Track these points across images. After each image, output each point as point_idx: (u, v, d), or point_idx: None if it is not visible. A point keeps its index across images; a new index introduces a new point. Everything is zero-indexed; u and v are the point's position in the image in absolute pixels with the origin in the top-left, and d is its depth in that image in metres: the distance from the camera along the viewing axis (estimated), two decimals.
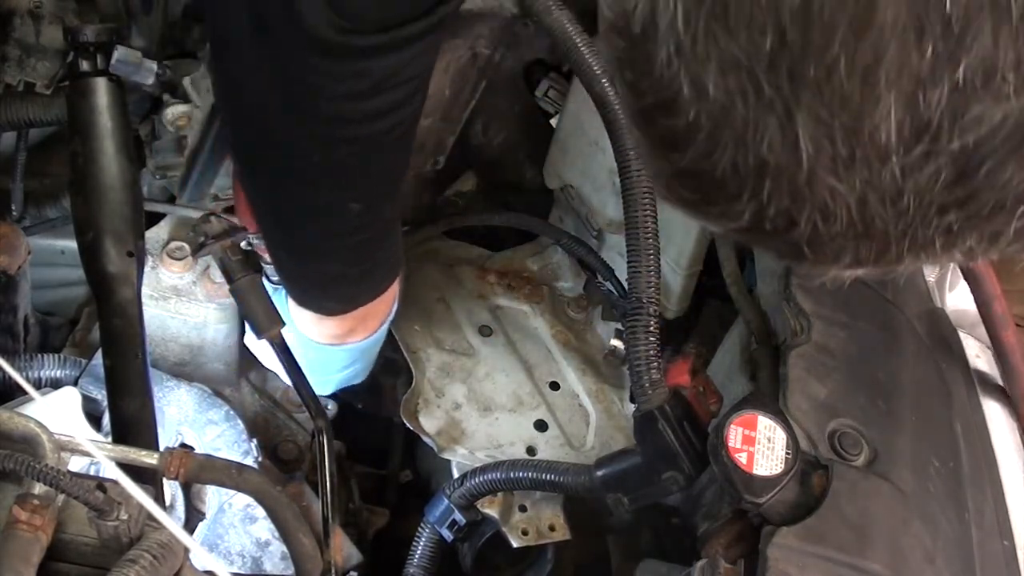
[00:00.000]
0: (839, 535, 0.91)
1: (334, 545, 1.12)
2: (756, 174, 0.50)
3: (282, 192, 1.03)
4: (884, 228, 0.50)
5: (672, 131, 0.52)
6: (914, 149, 0.46)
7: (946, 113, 0.45)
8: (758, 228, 0.53)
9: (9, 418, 0.85)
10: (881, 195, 0.49)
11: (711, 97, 0.49)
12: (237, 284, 1.19)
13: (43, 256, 1.39)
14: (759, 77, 0.47)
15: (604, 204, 1.46)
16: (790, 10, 0.45)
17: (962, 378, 1.21)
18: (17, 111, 1.21)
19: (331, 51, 0.84)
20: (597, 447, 1.37)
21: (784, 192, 0.50)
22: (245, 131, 1.01)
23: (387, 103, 0.92)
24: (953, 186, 0.47)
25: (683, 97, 0.50)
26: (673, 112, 0.51)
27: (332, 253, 1.09)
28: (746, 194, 0.51)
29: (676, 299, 1.43)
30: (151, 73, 1.17)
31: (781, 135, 0.48)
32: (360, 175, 0.99)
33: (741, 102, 0.48)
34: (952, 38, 0.43)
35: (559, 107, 1.56)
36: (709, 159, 0.51)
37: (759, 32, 0.46)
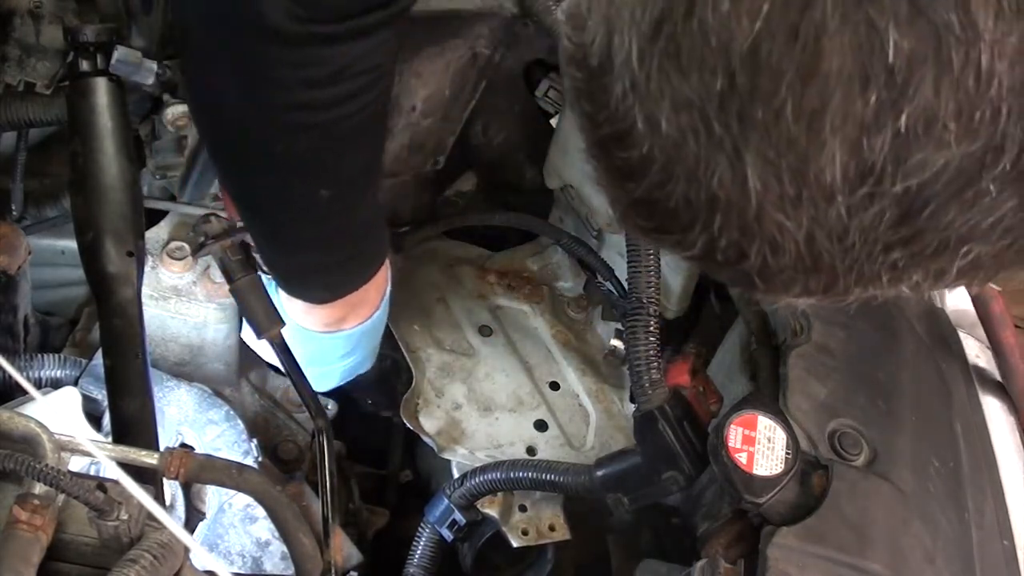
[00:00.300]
0: (839, 535, 0.91)
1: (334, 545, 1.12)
2: (707, 208, 0.52)
3: (250, 182, 1.04)
4: (832, 263, 0.52)
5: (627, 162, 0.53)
6: (858, 191, 0.48)
7: (889, 158, 0.46)
8: (710, 258, 0.55)
9: (9, 418, 0.85)
10: (828, 232, 0.50)
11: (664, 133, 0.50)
12: (237, 284, 1.19)
13: (43, 256, 1.39)
14: (710, 116, 0.48)
15: (604, 204, 1.46)
16: (739, 55, 0.46)
17: (962, 378, 1.21)
18: (17, 111, 1.21)
19: (288, 39, 0.85)
20: (597, 447, 1.37)
21: (734, 226, 0.52)
22: (210, 123, 1.02)
23: (347, 91, 0.92)
24: (897, 226, 0.49)
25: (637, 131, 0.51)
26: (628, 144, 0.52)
27: (309, 242, 1.09)
28: (698, 226, 0.53)
29: (676, 299, 1.43)
30: (151, 73, 1.17)
31: (731, 172, 0.49)
32: (326, 163, 0.99)
33: (693, 139, 0.49)
34: (895, 87, 0.45)
35: (559, 107, 1.56)
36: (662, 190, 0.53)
37: (710, 73, 0.47)
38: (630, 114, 0.51)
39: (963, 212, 0.48)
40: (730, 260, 0.54)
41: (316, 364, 1.26)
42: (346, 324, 1.22)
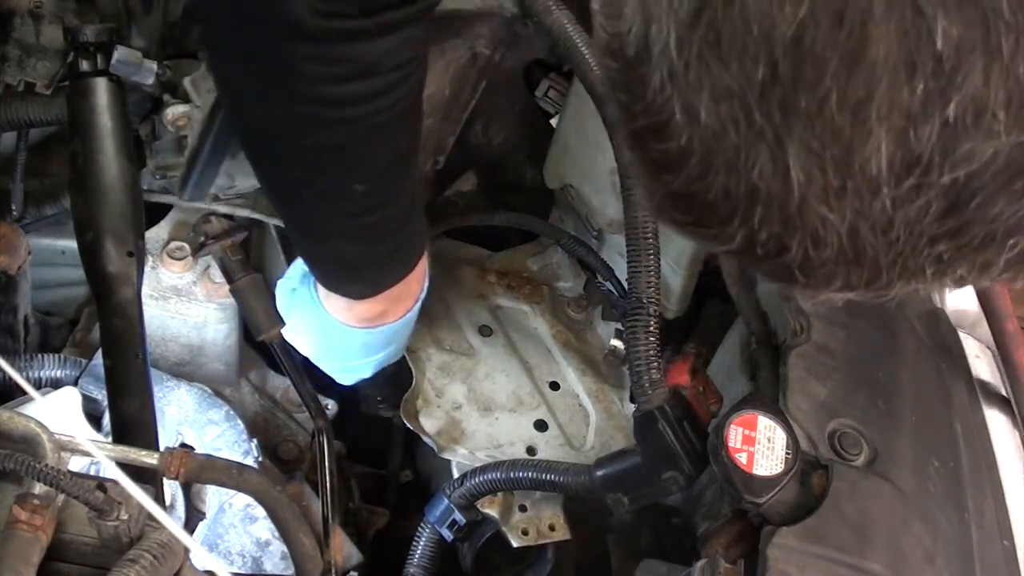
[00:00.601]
0: (839, 535, 0.91)
1: (334, 545, 1.12)
2: (747, 200, 0.51)
3: (283, 175, 1.04)
4: (875, 256, 0.51)
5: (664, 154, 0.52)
6: (904, 182, 0.47)
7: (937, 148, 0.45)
8: (750, 252, 0.54)
9: (9, 418, 0.85)
10: (872, 225, 0.49)
11: (703, 123, 0.49)
12: (237, 284, 1.20)
13: (43, 256, 1.39)
14: (751, 106, 0.47)
15: (604, 204, 1.46)
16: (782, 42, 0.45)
17: (962, 378, 1.21)
18: (17, 111, 1.21)
19: (313, 35, 0.85)
20: (597, 447, 1.37)
21: (775, 219, 0.51)
22: (242, 118, 1.02)
23: (375, 87, 0.92)
24: (944, 218, 0.48)
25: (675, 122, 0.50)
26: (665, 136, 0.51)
27: (347, 235, 1.09)
28: (737, 219, 0.52)
29: (676, 299, 1.43)
30: (151, 73, 1.17)
31: (772, 164, 0.48)
32: (356, 158, 0.99)
33: (733, 129, 0.48)
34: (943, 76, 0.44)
35: (559, 107, 1.56)
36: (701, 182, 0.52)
37: (751, 62, 0.46)
38: (668, 104, 0.50)
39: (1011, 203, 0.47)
40: (770, 254, 0.53)
41: (352, 359, 1.26)
42: (387, 319, 1.22)
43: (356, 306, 1.18)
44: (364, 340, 1.23)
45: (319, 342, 1.24)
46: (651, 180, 0.56)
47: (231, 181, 1.30)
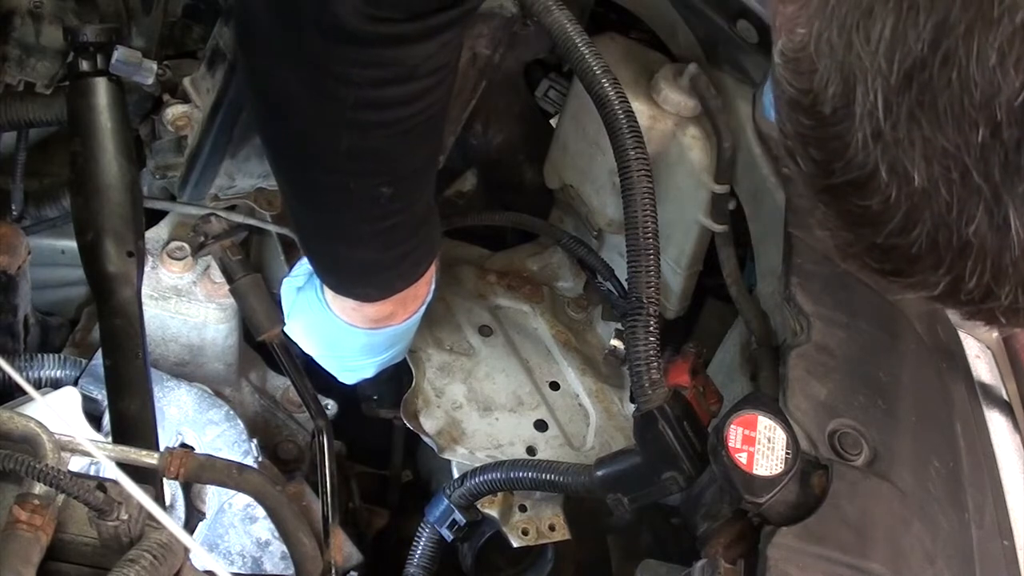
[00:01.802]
0: (839, 535, 0.91)
1: (334, 545, 1.12)
2: (958, 253, 0.51)
3: (313, 179, 1.04)
4: None
5: (866, 209, 0.52)
6: None
7: None
8: (952, 298, 0.54)
9: (9, 418, 0.85)
10: None
11: (913, 181, 0.49)
12: (237, 284, 1.19)
13: (43, 256, 1.39)
14: (967, 166, 0.47)
15: (604, 204, 1.47)
16: (1007, 107, 0.45)
17: (962, 378, 1.21)
18: (17, 111, 1.22)
19: (359, 39, 0.85)
20: (597, 447, 1.37)
21: (986, 270, 0.51)
22: (274, 121, 1.02)
23: (415, 91, 0.92)
24: None
25: (880, 178, 0.50)
26: (868, 192, 0.51)
27: (366, 239, 1.09)
28: (943, 269, 0.52)
29: (676, 299, 1.43)
30: (151, 73, 1.17)
31: (988, 219, 0.48)
32: (389, 160, 0.99)
33: (945, 187, 0.48)
34: None
35: (559, 107, 1.56)
36: (906, 236, 0.51)
37: (970, 125, 0.46)
38: (871, 162, 0.50)
39: None
40: (975, 300, 0.53)
41: (355, 359, 1.26)
42: (394, 320, 1.22)
43: (365, 308, 1.18)
44: (369, 341, 1.23)
45: (323, 341, 1.24)
46: (847, 233, 0.55)
47: (231, 181, 1.30)
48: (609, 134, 1.13)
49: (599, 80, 1.14)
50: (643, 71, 1.37)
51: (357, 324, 1.20)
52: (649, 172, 1.10)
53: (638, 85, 1.35)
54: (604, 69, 1.14)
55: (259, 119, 1.09)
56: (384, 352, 1.27)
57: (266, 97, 1.00)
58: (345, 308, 1.19)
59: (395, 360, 1.33)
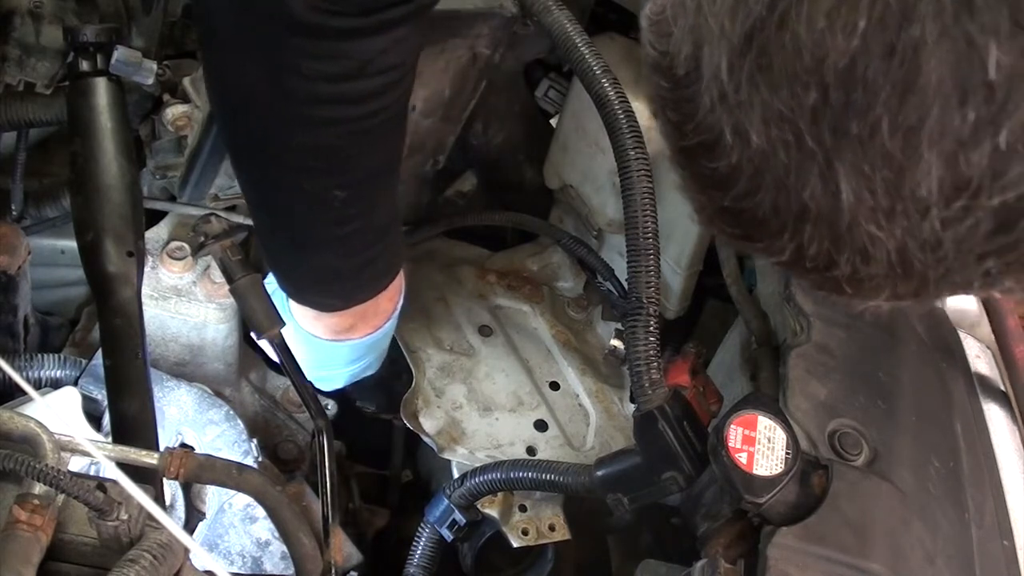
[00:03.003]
0: (839, 535, 0.91)
1: (334, 545, 1.12)
2: (797, 218, 0.52)
3: (266, 177, 1.04)
4: (923, 271, 0.51)
5: (715, 172, 0.53)
6: (954, 204, 0.47)
7: (987, 173, 0.46)
8: (798, 264, 0.54)
9: (9, 418, 0.85)
10: (921, 243, 0.50)
11: (753, 144, 0.50)
12: (237, 284, 1.19)
13: (43, 256, 1.39)
14: (801, 129, 0.48)
15: (604, 204, 1.47)
16: (834, 70, 0.46)
17: (962, 378, 1.21)
18: (17, 111, 1.21)
19: (310, 31, 0.86)
20: (597, 447, 1.37)
21: (824, 235, 0.52)
22: (231, 117, 1.02)
23: (368, 89, 0.93)
24: (993, 237, 0.48)
25: (725, 141, 0.51)
26: (716, 155, 0.52)
27: (323, 245, 1.09)
28: (787, 234, 0.53)
29: (676, 299, 1.43)
30: (151, 73, 1.17)
31: (823, 184, 0.49)
32: (341, 161, 0.99)
33: (783, 151, 0.49)
34: (994, 103, 0.44)
35: (559, 107, 1.56)
36: (751, 200, 0.52)
37: (802, 88, 0.47)
38: (718, 125, 0.51)
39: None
40: (819, 267, 0.54)
41: (321, 368, 1.26)
42: (355, 333, 1.22)
43: (324, 318, 1.19)
44: (331, 353, 1.24)
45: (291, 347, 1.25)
46: (701, 195, 0.57)
47: (231, 181, 1.30)
48: (609, 134, 1.13)
49: (599, 80, 1.14)
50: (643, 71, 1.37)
51: (318, 335, 1.21)
52: (649, 172, 1.10)
53: (638, 85, 1.34)
54: (604, 69, 1.14)
55: (219, 115, 1.09)
56: (348, 365, 1.28)
57: (224, 92, 1.00)
58: (306, 317, 1.19)
59: (366, 373, 1.33)
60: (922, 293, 0.54)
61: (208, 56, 1.02)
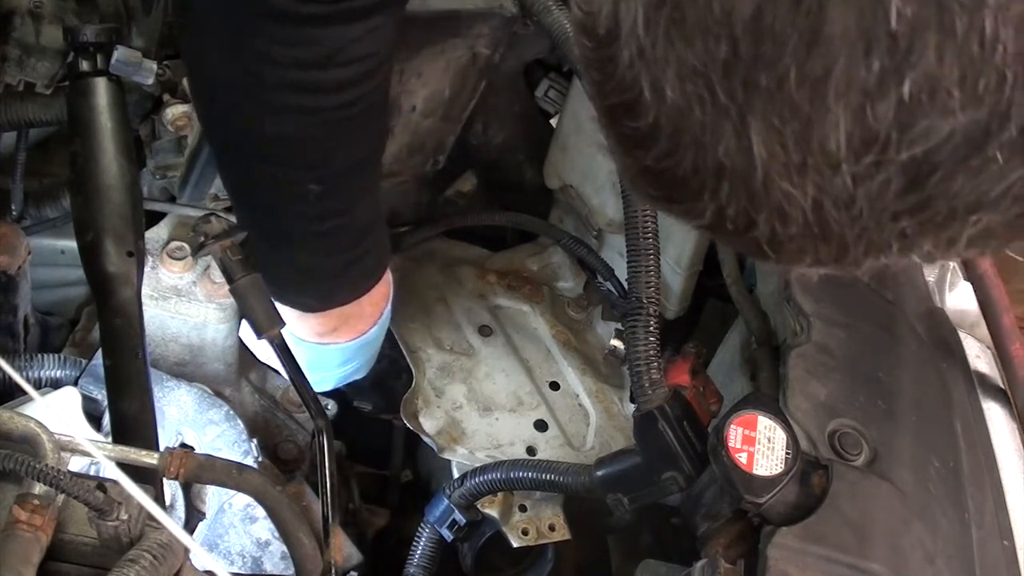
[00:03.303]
0: (839, 535, 0.91)
1: (334, 545, 1.12)
2: (715, 176, 0.51)
3: (242, 167, 1.04)
4: (840, 232, 0.51)
5: (636, 131, 0.53)
6: (863, 159, 0.47)
7: (894, 126, 0.46)
8: (720, 227, 0.54)
9: (9, 418, 0.85)
10: (834, 200, 0.50)
11: (670, 101, 0.50)
12: (237, 284, 1.19)
13: (43, 256, 1.39)
14: (714, 84, 0.48)
15: (604, 204, 1.46)
16: (742, 22, 0.46)
17: (962, 378, 1.21)
18: (17, 111, 1.21)
19: (281, 17, 0.87)
20: (597, 447, 1.37)
21: (742, 194, 0.51)
22: (208, 106, 1.03)
23: (340, 78, 0.93)
24: (905, 194, 0.48)
25: (644, 99, 0.51)
26: (636, 113, 0.52)
27: (302, 243, 1.09)
28: (706, 194, 0.53)
29: (676, 299, 1.43)
30: (151, 73, 1.17)
31: (737, 140, 0.49)
32: (314, 153, 0.99)
33: (698, 107, 0.49)
34: (898, 54, 0.44)
35: (559, 107, 1.56)
36: (671, 159, 0.52)
37: (714, 41, 0.47)
38: (637, 82, 0.51)
39: (971, 180, 0.47)
40: (739, 229, 0.54)
41: (309, 370, 1.26)
42: (339, 336, 1.22)
43: (307, 319, 1.19)
44: (316, 355, 1.24)
45: None
46: (624, 156, 0.56)
47: None
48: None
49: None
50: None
51: (302, 336, 1.21)
52: None
53: None
54: None
55: (197, 107, 1.10)
56: (335, 368, 1.28)
57: (200, 81, 1.01)
58: (290, 318, 1.19)
59: (353, 378, 1.33)
60: (843, 257, 0.53)
61: (185, 44, 1.03)
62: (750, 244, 0.55)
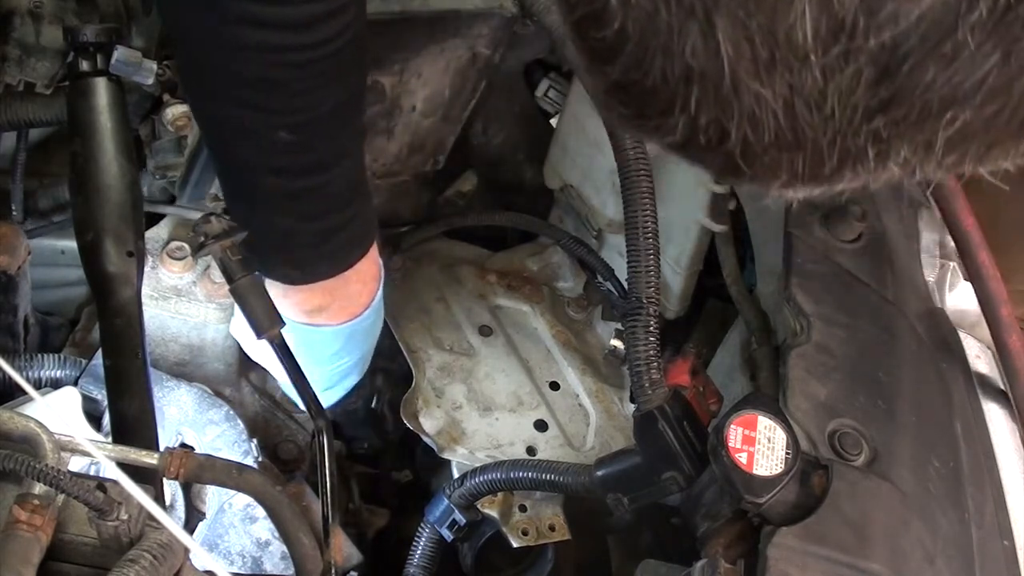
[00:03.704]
0: (839, 535, 0.91)
1: (334, 545, 1.12)
2: (684, 83, 0.50)
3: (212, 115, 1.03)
4: (814, 136, 0.50)
5: (603, 42, 0.52)
6: (832, 49, 0.46)
7: (860, 11, 0.45)
8: (692, 142, 0.53)
9: (9, 418, 0.85)
10: (806, 100, 0.49)
11: (634, 3, 0.49)
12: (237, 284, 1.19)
13: (43, 256, 1.39)
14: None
15: (604, 204, 1.47)
16: None
17: (962, 378, 1.21)
18: (17, 111, 1.21)
19: None
20: (597, 447, 1.37)
21: (712, 101, 0.50)
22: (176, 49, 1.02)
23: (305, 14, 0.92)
24: (876, 87, 0.47)
25: (611, 6, 0.50)
26: (602, 23, 0.51)
27: (275, 201, 1.06)
28: (677, 105, 0.52)
29: (676, 299, 1.43)
30: (151, 73, 1.17)
31: (703, 40, 0.48)
32: (283, 95, 0.98)
33: (664, 8, 0.48)
34: None
35: (559, 107, 1.56)
36: (639, 70, 0.51)
37: None
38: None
39: (943, 69, 0.46)
40: (712, 142, 0.52)
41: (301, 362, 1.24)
42: (327, 317, 1.19)
43: (291, 294, 1.16)
44: (304, 339, 1.21)
45: None
46: (594, 74, 0.56)
47: None
48: (609, 134, 1.13)
49: None
50: None
51: (289, 316, 1.17)
52: (649, 172, 1.10)
53: None
54: None
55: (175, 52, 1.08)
56: (328, 360, 1.25)
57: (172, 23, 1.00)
58: (276, 295, 1.16)
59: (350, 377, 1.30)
60: (818, 170, 0.52)
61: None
62: (724, 160, 0.54)
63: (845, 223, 1.19)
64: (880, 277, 1.18)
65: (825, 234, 1.19)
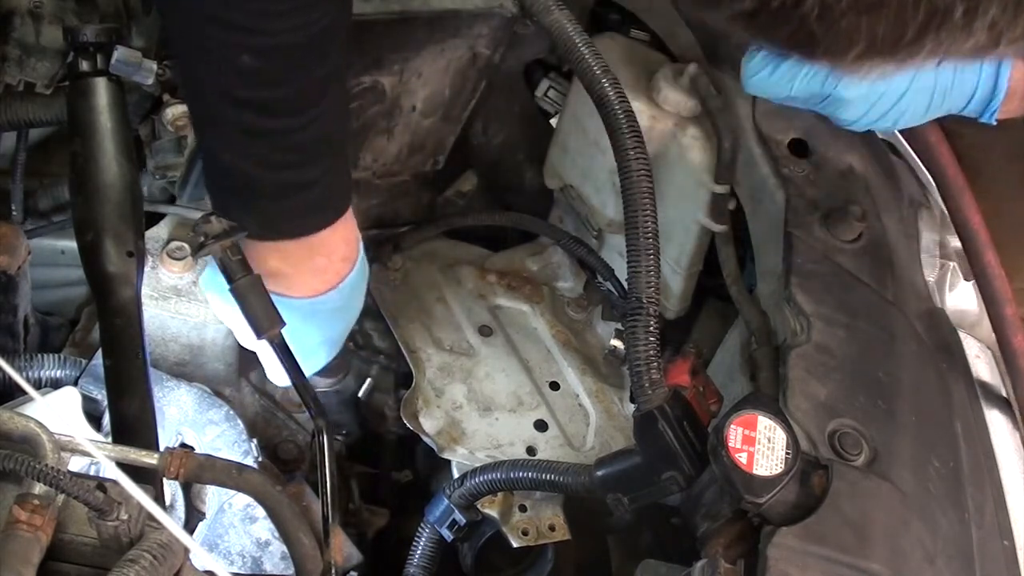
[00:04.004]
0: (839, 535, 0.91)
1: (334, 545, 1.12)
2: None
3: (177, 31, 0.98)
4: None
5: None
6: None
7: None
8: (765, 9, 0.50)
9: (9, 418, 0.85)
10: None
11: None
12: (237, 284, 1.19)
13: (43, 256, 1.39)
14: None
15: (604, 204, 1.46)
16: None
17: (962, 378, 1.21)
18: (17, 111, 1.21)
19: None
20: (597, 447, 1.37)
21: None
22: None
23: None
24: None
25: None
26: None
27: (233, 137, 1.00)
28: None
29: (676, 299, 1.43)
30: (151, 73, 1.17)
31: None
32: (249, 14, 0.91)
33: None
34: None
35: (559, 107, 1.56)
36: None
37: None
38: None
39: None
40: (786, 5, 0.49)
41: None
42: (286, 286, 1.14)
43: (248, 249, 1.11)
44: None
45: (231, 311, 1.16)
46: None
47: None
48: (609, 134, 1.13)
49: (599, 80, 1.14)
50: (643, 71, 1.37)
51: None
52: (649, 172, 1.10)
53: (638, 85, 1.35)
54: (604, 69, 1.14)
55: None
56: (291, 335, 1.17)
57: None
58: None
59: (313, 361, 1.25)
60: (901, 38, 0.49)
61: None
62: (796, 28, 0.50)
63: (845, 223, 1.19)
64: (880, 277, 1.18)
65: (825, 234, 1.19)
